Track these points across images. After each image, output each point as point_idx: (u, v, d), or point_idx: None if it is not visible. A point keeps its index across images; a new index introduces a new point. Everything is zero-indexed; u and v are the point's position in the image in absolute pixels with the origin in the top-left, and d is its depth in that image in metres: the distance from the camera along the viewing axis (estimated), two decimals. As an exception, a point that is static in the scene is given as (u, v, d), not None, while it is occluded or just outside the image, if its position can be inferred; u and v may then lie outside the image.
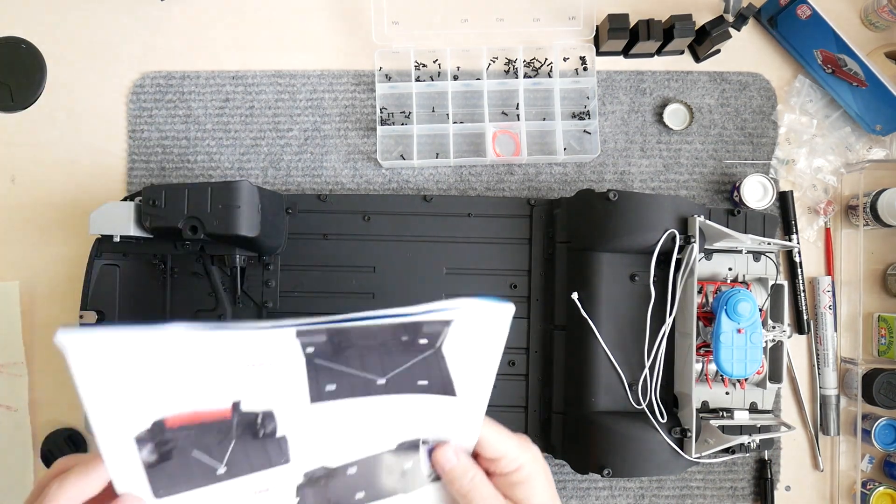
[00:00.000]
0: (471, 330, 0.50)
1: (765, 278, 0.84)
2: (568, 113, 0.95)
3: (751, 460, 0.93)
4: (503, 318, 0.50)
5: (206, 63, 0.95)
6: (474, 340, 0.50)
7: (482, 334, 0.50)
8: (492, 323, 0.50)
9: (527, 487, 0.57)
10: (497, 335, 0.51)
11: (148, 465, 0.43)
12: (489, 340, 0.51)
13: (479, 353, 0.51)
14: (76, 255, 0.92)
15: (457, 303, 0.48)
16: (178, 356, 0.42)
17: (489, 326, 0.50)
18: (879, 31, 0.95)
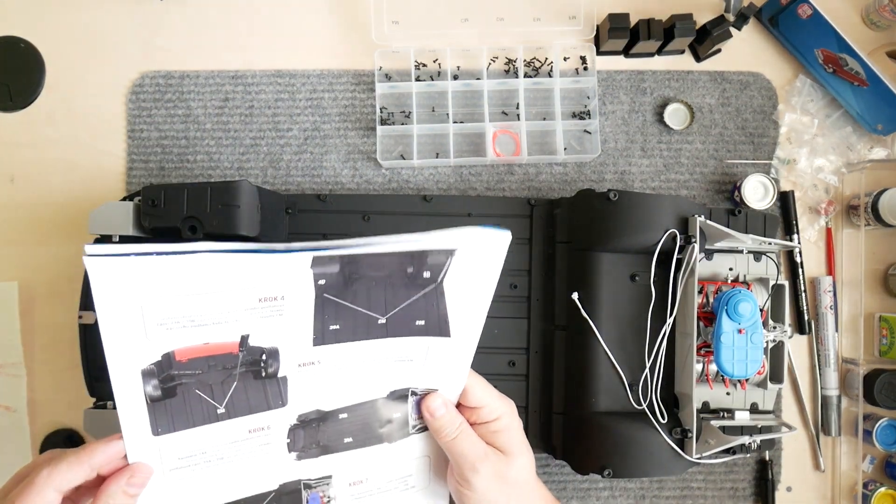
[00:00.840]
0: (471, 259, 0.52)
1: (766, 278, 0.84)
2: (568, 113, 0.94)
3: (752, 461, 0.92)
4: (501, 246, 0.52)
5: (206, 63, 0.95)
6: (473, 271, 0.53)
7: (481, 263, 0.53)
8: (490, 251, 0.52)
9: (506, 435, 0.62)
10: (494, 264, 0.53)
11: (152, 399, 0.44)
12: (487, 270, 0.53)
13: (476, 286, 0.54)
14: (75, 255, 0.92)
15: (460, 231, 0.51)
16: (198, 281, 0.43)
17: (488, 255, 0.52)
18: (881, 30, 0.95)
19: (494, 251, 0.52)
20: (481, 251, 0.52)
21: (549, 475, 0.92)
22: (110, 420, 0.77)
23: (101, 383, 0.82)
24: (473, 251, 0.52)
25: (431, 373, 0.56)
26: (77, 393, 0.89)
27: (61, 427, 0.91)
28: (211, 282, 0.43)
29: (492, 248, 0.52)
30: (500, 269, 0.53)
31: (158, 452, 0.46)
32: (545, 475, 0.92)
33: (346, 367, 0.51)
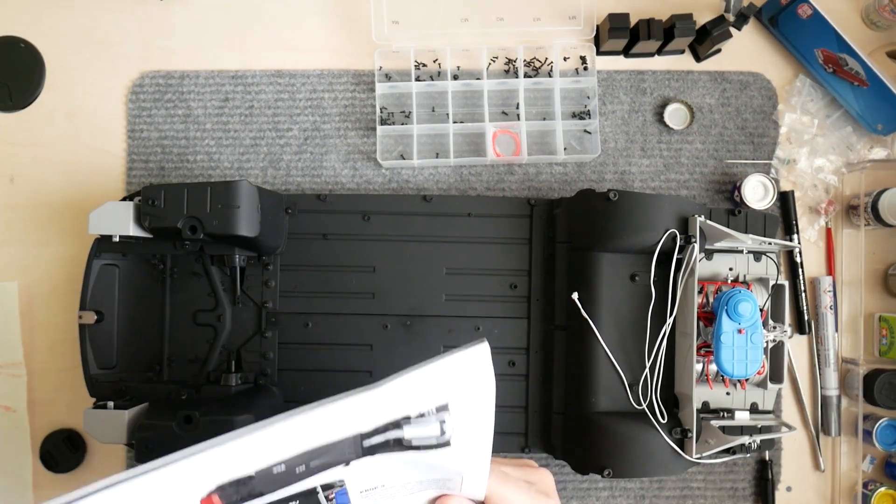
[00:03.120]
0: (460, 393, 0.45)
1: (766, 278, 0.84)
2: (568, 112, 0.94)
3: (751, 461, 0.92)
4: (483, 361, 0.45)
5: (206, 63, 0.95)
6: (466, 398, 0.46)
7: (471, 389, 0.45)
8: (475, 373, 0.45)
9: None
10: (484, 381, 0.46)
11: None
12: (479, 392, 0.46)
13: (472, 406, 0.46)
14: (75, 255, 0.92)
15: (434, 373, 0.42)
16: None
17: (474, 379, 0.45)
18: (881, 30, 0.95)
19: (479, 371, 0.45)
20: (467, 380, 0.45)
21: (549, 475, 0.92)
22: (110, 420, 0.77)
23: (101, 383, 0.82)
24: (463, 388, 0.44)
25: (441, 478, 0.50)
26: (77, 393, 0.89)
27: (61, 427, 0.91)
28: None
29: (475, 368, 0.45)
30: (493, 385, 0.46)
31: None
32: (545, 475, 0.92)
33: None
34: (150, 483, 0.38)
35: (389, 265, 0.87)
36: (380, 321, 0.86)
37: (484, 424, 0.47)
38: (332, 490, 0.47)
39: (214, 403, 0.80)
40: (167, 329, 0.86)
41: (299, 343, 0.86)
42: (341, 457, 0.44)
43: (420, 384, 0.43)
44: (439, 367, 0.43)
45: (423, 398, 0.44)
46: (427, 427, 0.44)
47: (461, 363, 0.44)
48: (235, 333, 0.87)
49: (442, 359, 0.43)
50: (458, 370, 0.44)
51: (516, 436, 0.85)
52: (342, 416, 0.42)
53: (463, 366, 0.44)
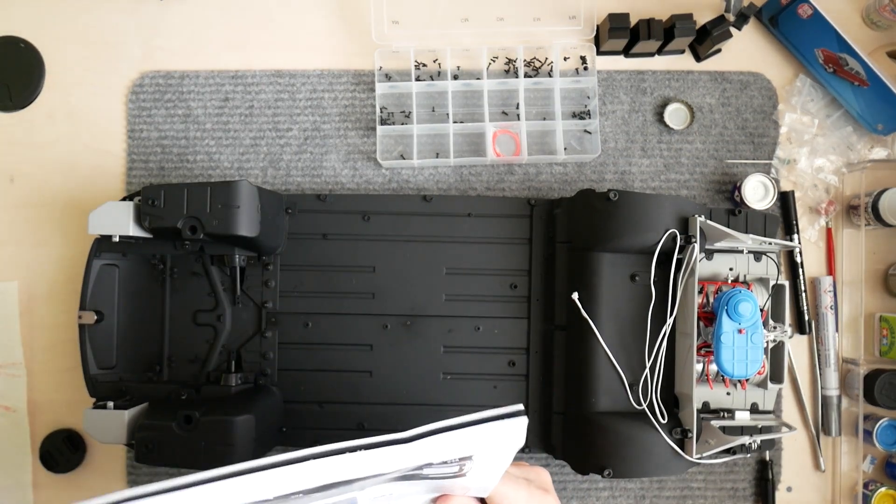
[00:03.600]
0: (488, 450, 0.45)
1: (766, 278, 0.84)
2: (568, 112, 0.94)
3: (752, 461, 0.92)
4: (518, 431, 0.45)
5: (206, 63, 0.95)
6: (492, 454, 0.46)
7: (498, 449, 0.45)
8: (507, 438, 0.44)
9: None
10: (514, 444, 0.45)
11: None
12: (506, 450, 0.46)
13: (496, 459, 0.46)
14: (75, 255, 0.92)
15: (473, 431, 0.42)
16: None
17: (504, 442, 0.45)
18: (881, 30, 0.95)
19: (514, 439, 0.45)
20: (501, 444, 0.44)
21: (549, 475, 0.92)
22: (110, 420, 0.77)
23: (100, 383, 0.82)
24: (493, 447, 0.44)
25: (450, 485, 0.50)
26: (77, 393, 0.89)
27: (61, 427, 0.91)
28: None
29: (512, 437, 0.44)
30: (522, 443, 0.46)
31: None
32: (545, 475, 0.92)
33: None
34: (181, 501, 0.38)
35: (389, 265, 0.87)
36: (380, 321, 0.86)
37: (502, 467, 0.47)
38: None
39: (214, 403, 0.80)
40: (167, 329, 0.86)
41: (299, 343, 0.86)
42: (358, 489, 0.44)
43: (451, 442, 0.42)
44: (475, 430, 0.43)
45: (451, 452, 0.43)
46: (447, 468, 0.44)
47: (496, 431, 0.43)
48: (235, 333, 0.87)
49: (481, 420, 0.42)
50: (491, 435, 0.43)
51: (516, 436, 0.85)
52: (369, 461, 0.41)
53: (496, 432, 0.43)
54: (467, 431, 0.42)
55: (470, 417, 0.42)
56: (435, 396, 0.86)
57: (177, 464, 0.76)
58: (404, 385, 0.86)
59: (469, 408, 0.85)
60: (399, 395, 0.86)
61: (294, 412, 0.86)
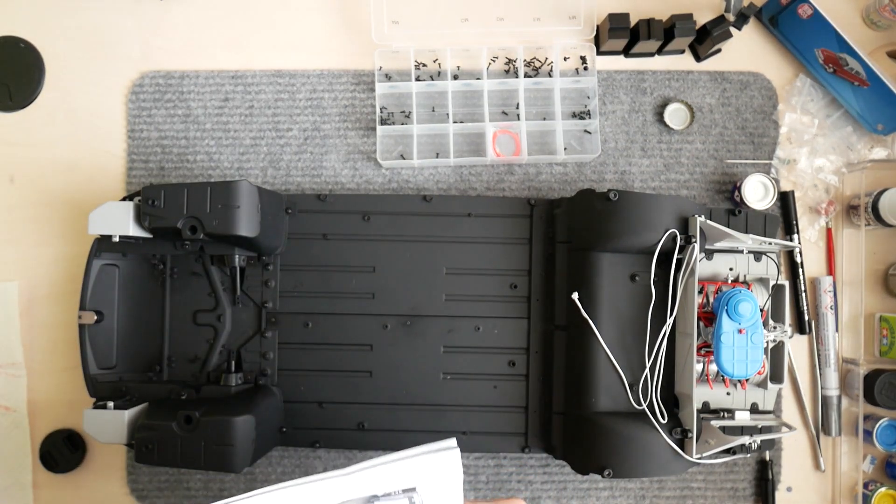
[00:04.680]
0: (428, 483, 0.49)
1: (766, 278, 0.84)
2: (568, 112, 0.94)
3: (752, 461, 0.92)
4: (454, 463, 0.49)
5: (206, 63, 0.95)
6: (433, 486, 0.50)
7: (438, 482, 0.50)
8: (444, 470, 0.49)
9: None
10: (452, 477, 0.50)
11: None
12: (447, 484, 0.50)
13: (440, 492, 0.50)
14: (75, 255, 0.92)
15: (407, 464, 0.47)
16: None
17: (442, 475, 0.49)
18: (881, 30, 0.95)
19: (450, 470, 0.49)
20: (438, 475, 0.49)
21: (548, 475, 0.92)
22: (110, 420, 0.77)
23: (100, 383, 0.82)
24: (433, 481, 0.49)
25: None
26: (77, 393, 0.89)
27: (61, 427, 0.91)
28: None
29: (447, 468, 0.49)
30: (461, 477, 0.50)
31: None
32: (545, 475, 0.92)
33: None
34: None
35: (389, 265, 0.87)
36: (380, 321, 0.86)
37: (454, 500, 0.51)
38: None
39: (214, 403, 0.80)
40: (167, 329, 0.86)
41: (299, 343, 0.86)
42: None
43: (388, 474, 0.48)
44: (408, 463, 0.48)
45: (391, 483, 0.48)
46: (396, 502, 0.49)
47: (431, 462, 0.48)
48: (235, 333, 0.87)
49: (414, 454, 0.48)
50: (428, 466, 0.48)
51: (516, 436, 0.85)
52: (313, 492, 0.47)
53: (433, 464, 0.48)
54: (399, 464, 0.47)
55: (404, 453, 0.48)
56: (435, 396, 0.86)
57: (177, 464, 0.75)
58: (404, 385, 0.86)
59: (469, 408, 0.86)
60: (399, 395, 0.86)
61: (294, 412, 0.86)
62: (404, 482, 0.47)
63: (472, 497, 0.91)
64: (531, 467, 0.92)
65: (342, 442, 0.86)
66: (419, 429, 0.85)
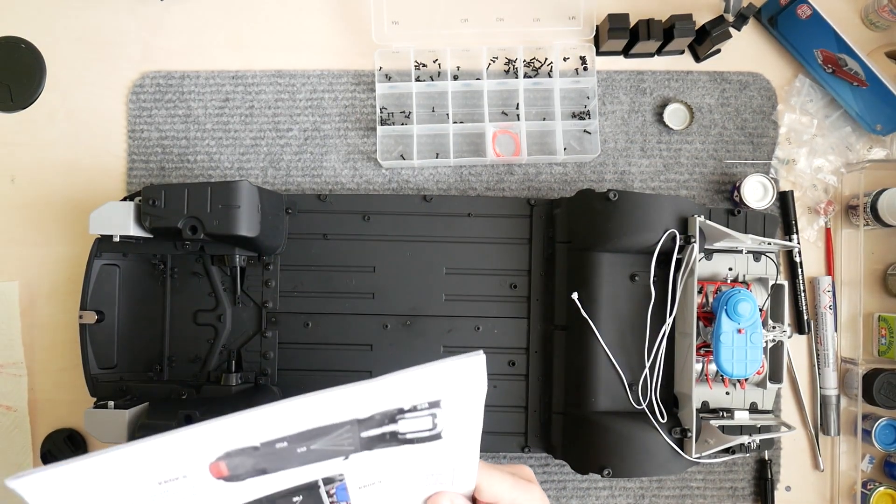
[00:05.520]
0: (453, 393, 0.48)
1: (765, 278, 0.84)
2: (568, 113, 0.94)
3: (751, 460, 0.92)
4: (478, 369, 0.48)
5: (206, 63, 0.95)
6: (457, 398, 0.49)
7: (463, 391, 0.49)
8: (469, 377, 0.48)
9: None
10: (477, 387, 0.49)
11: None
12: (472, 395, 0.49)
13: (463, 406, 0.49)
14: (76, 255, 0.92)
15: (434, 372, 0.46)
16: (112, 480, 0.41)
17: (468, 383, 0.48)
18: (880, 30, 0.95)
19: (475, 378, 0.48)
20: (461, 384, 0.48)
21: (548, 475, 0.92)
22: (111, 420, 0.77)
23: (101, 383, 0.82)
24: (454, 389, 0.47)
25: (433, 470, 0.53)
26: (77, 393, 0.89)
27: (62, 427, 0.91)
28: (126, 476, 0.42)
29: (471, 376, 0.48)
30: (484, 390, 0.49)
31: None
32: (545, 475, 0.92)
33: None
34: (163, 445, 0.42)
35: (389, 265, 0.87)
36: (380, 321, 0.87)
37: (474, 422, 0.50)
38: (332, 485, 0.49)
39: (214, 403, 0.80)
40: (167, 329, 0.87)
41: (299, 343, 0.87)
42: (341, 448, 0.47)
43: (416, 382, 0.46)
44: (436, 369, 0.47)
45: (418, 394, 0.47)
46: (419, 421, 0.47)
47: (457, 368, 0.47)
48: (235, 333, 0.87)
49: (440, 362, 0.47)
50: (454, 374, 0.47)
51: (516, 436, 0.86)
52: (342, 401, 0.45)
53: (458, 370, 0.47)
54: (429, 368, 0.46)
55: (430, 365, 0.47)
56: (435, 396, 0.86)
57: (177, 463, 0.76)
58: (404, 385, 0.86)
59: (469, 407, 0.86)
60: (399, 394, 0.86)
61: (294, 412, 0.86)
62: (430, 394, 0.47)
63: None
64: (531, 467, 0.92)
65: (342, 441, 0.86)
66: (419, 428, 0.86)
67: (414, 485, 0.53)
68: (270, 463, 0.45)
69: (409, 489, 0.53)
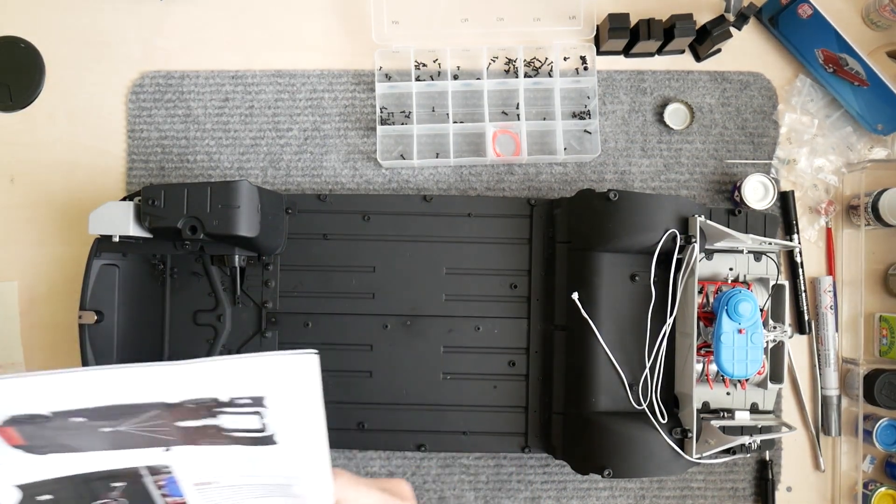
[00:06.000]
0: (278, 392, 0.44)
1: (766, 278, 0.84)
2: (568, 112, 0.94)
3: (752, 461, 0.92)
4: (307, 369, 0.44)
5: (206, 63, 0.95)
6: (285, 398, 0.45)
7: (291, 391, 0.44)
8: (297, 377, 0.44)
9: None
10: (308, 389, 0.45)
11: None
12: (302, 396, 0.45)
13: (294, 408, 0.45)
14: (75, 255, 0.92)
15: (258, 365, 0.41)
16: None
17: (295, 382, 0.44)
18: (881, 30, 0.95)
19: (305, 374, 0.44)
20: (290, 382, 0.44)
21: (549, 475, 0.92)
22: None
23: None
24: (283, 385, 0.43)
25: (275, 482, 0.49)
26: (77, 393, 0.89)
27: (61, 427, 0.91)
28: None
29: (300, 372, 0.44)
30: (319, 392, 0.45)
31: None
32: (545, 475, 0.92)
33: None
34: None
35: (389, 265, 0.87)
36: (380, 321, 0.86)
37: (312, 428, 0.46)
38: (160, 476, 0.46)
39: (214, 403, 0.80)
40: (167, 329, 0.86)
41: (299, 343, 0.86)
42: (156, 435, 0.44)
43: (226, 371, 0.43)
44: (251, 362, 0.43)
45: (232, 386, 0.43)
46: (242, 418, 0.44)
47: (280, 364, 0.43)
48: (235, 333, 0.87)
49: (259, 355, 0.43)
50: (276, 370, 0.43)
51: (516, 436, 0.85)
52: (145, 379, 0.41)
53: (281, 367, 0.43)
54: (247, 358, 0.42)
55: (251, 355, 0.43)
56: (435, 396, 0.86)
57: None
58: (404, 385, 0.86)
59: (469, 408, 0.86)
60: (399, 395, 0.86)
61: (294, 412, 0.86)
62: (249, 388, 0.42)
63: (473, 497, 0.91)
64: (531, 467, 0.92)
65: (342, 442, 0.86)
66: (419, 429, 0.85)
67: (262, 493, 0.49)
68: (73, 440, 0.42)
69: (257, 497, 0.49)
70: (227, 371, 0.42)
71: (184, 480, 0.47)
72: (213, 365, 0.42)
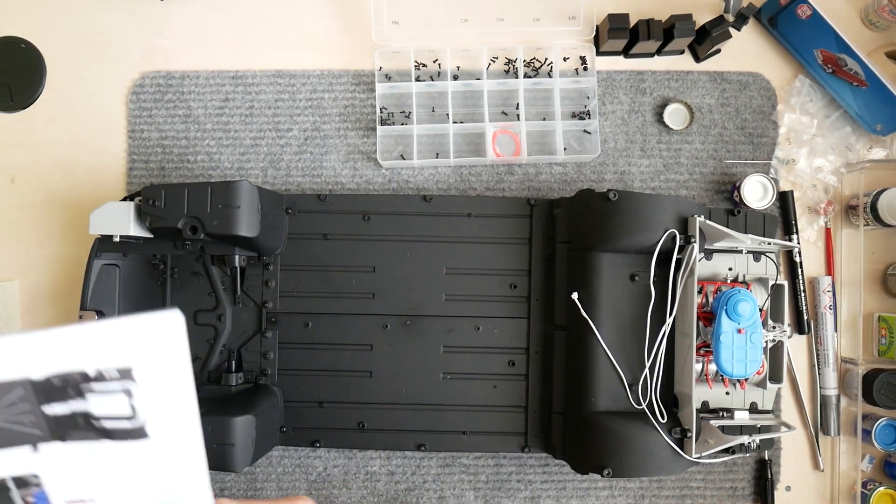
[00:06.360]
0: (145, 360, 0.41)
1: (765, 278, 0.84)
2: (568, 113, 0.94)
3: (751, 460, 0.92)
4: (173, 329, 0.41)
5: (206, 63, 0.95)
6: (153, 369, 0.41)
7: (158, 359, 0.41)
8: (162, 341, 0.41)
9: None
10: (175, 356, 0.41)
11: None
12: (170, 367, 0.42)
13: (163, 384, 0.42)
14: (76, 255, 0.92)
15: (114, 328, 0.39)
16: None
17: (161, 347, 0.41)
18: (880, 30, 0.95)
19: (171, 337, 0.41)
20: (156, 348, 0.41)
21: (548, 475, 0.92)
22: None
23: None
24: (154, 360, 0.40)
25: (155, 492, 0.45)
26: (77, 393, 0.89)
27: (62, 427, 0.91)
28: None
29: (166, 334, 0.41)
30: (185, 361, 0.42)
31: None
32: (545, 475, 0.92)
33: None
34: None
35: (389, 265, 0.87)
36: (380, 321, 0.87)
37: (183, 413, 0.43)
38: (28, 489, 0.43)
39: (214, 403, 0.80)
40: (167, 329, 0.86)
41: (299, 343, 0.87)
42: (22, 426, 0.41)
43: (94, 334, 0.39)
44: (118, 322, 0.39)
45: (99, 353, 0.39)
46: (112, 398, 0.40)
47: (142, 325, 0.40)
48: (236, 333, 0.87)
49: (121, 318, 0.40)
50: (141, 330, 0.40)
51: (516, 435, 0.86)
52: (6, 349, 0.38)
53: (146, 326, 0.40)
54: (105, 322, 0.39)
55: (108, 319, 0.41)
56: (435, 396, 0.86)
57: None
58: (404, 385, 0.86)
59: (469, 408, 0.86)
60: (399, 395, 0.86)
61: (294, 412, 0.86)
62: (116, 357, 0.39)
63: (473, 496, 0.91)
64: (531, 467, 0.92)
65: (342, 441, 0.86)
66: (419, 428, 0.86)
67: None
68: None
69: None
70: (90, 335, 0.39)
71: (55, 495, 0.43)
72: (75, 329, 0.39)
